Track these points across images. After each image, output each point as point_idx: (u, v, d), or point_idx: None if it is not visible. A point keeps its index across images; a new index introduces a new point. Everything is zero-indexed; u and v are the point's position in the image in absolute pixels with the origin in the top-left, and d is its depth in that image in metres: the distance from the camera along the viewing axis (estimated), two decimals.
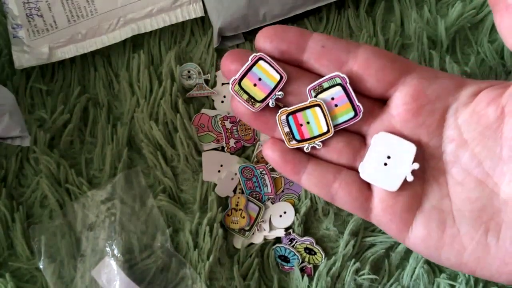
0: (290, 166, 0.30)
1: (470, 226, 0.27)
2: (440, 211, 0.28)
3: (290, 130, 0.31)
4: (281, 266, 0.39)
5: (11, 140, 0.36)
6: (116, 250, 0.37)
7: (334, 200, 0.30)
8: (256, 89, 0.30)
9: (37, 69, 0.41)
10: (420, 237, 0.28)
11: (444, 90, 0.28)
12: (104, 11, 0.40)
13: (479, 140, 0.27)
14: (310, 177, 0.30)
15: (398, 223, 0.28)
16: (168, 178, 0.39)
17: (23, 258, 0.38)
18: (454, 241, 0.27)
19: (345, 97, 0.30)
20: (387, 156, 0.29)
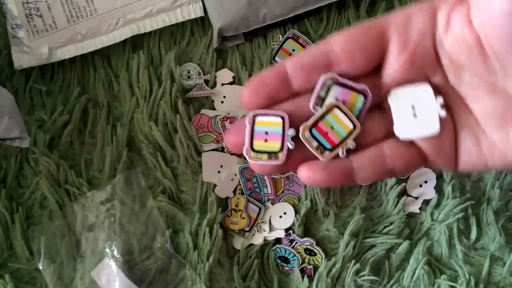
0: (340, 176, 0.29)
1: (498, 130, 0.28)
2: (471, 130, 0.29)
3: (319, 143, 0.30)
4: (281, 267, 0.39)
5: (11, 141, 0.36)
6: (115, 251, 0.37)
7: (395, 173, 0.30)
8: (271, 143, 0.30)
9: (36, 69, 0.41)
10: (466, 161, 0.29)
11: (423, 26, 0.29)
12: (103, 11, 0.40)
13: (470, 60, 0.28)
14: (363, 171, 0.29)
15: (450, 158, 0.30)
16: (168, 179, 0.39)
17: (22, 259, 0.38)
18: (492, 149, 0.29)
19: (346, 90, 0.29)
20: (412, 106, 0.29)
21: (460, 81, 0.29)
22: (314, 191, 0.38)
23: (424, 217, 0.39)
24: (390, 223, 0.39)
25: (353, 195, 0.40)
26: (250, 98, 0.30)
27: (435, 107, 0.29)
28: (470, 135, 0.29)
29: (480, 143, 0.29)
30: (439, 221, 0.39)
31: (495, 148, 0.29)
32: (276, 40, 0.41)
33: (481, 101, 0.29)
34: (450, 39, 0.28)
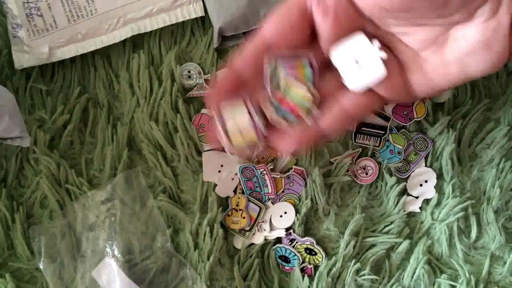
0: (313, 139, 0.32)
1: (435, 53, 0.31)
2: (413, 60, 0.31)
3: (286, 119, 0.32)
4: (282, 266, 0.39)
5: (11, 141, 0.36)
6: (116, 250, 0.37)
7: (355, 119, 0.34)
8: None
9: (37, 69, 0.41)
10: (418, 89, 0.32)
11: None
12: (104, 11, 0.40)
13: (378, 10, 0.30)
14: (331, 128, 0.32)
15: (405, 92, 0.32)
16: (168, 178, 0.39)
17: (23, 259, 0.38)
18: (435, 70, 0.31)
19: (293, 66, 0.31)
20: (354, 58, 0.30)
21: (388, 24, 0.31)
22: (314, 190, 0.38)
23: (425, 217, 0.39)
24: (391, 223, 0.39)
25: (353, 194, 0.40)
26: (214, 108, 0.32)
27: (375, 52, 0.30)
28: (414, 65, 0.31)
29: (425, 69, 0.31)
30: (439, 221, 0.39)
31: (437, 68, 0.31)
32: None
33: (412, 35, 0.31)
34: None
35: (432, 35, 0.30)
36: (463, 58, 0.30)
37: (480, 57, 0.29)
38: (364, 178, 0.40)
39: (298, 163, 0.40)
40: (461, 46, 0.29)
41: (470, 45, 0.29)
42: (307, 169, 0.39)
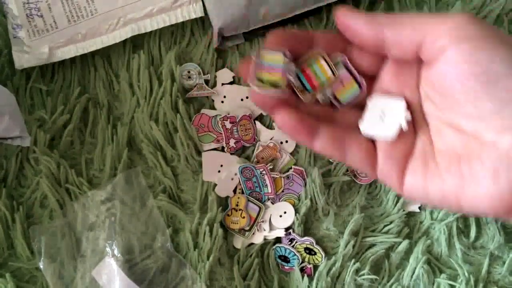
0: (305, 129, 0.32)
1: (446, 162, 0.30)
2: (424, 155, 0.31)
3: (302, 84, 0.33)
4: (281, 266, 0.39)
5: (11, 140, 0.36)
6: (116, 250, 0.37)
7: (346, 158, 0.33)
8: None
9: (37, 69, 0.41)
10: (410, 181, 0.31)
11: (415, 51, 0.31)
12: (104, 11, 0.40)
13: (433, 94, 0.31)
14: (324, 140, 0.33)
15: (397, 173, 0.31)
16: (168, 178, 0.39)
17: (23, 258, 0.38)
18: (434, 177, 0.30)
19: (349, 74, 0.33)
20: (382, 112, 0.32)
21: (430, 112, 0.31)
22: (314, 190, 0.39)
23: (424, 216, 0.40)
24: (390, 222, 0.39)
25: (353, 194, 0.40)
26: (275, 39, 0.33)
27: (401, 119, 0.32)
28: (422, 160, 0.31)
29: (428, 168, 0.31)
30: (438, 220, 0.39)
31: (439, 181, 0.30)
32: None
33: (443, 135, 0.31)
34: (435, 70, 0.30)
35: (460, 148, 0.30)
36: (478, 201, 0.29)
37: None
38: (363, 178, 0.40)
39: (297, 163, 0.40)
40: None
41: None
42: (306, 169, 0.40)
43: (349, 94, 0.33)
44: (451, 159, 0.30)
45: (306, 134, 0.33)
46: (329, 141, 0.33)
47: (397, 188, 0.32)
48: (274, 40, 0.33)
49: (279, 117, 0.33)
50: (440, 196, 0.30)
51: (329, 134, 0.33)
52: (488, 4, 0.40)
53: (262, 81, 0.32)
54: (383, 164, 0.32)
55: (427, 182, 0.30)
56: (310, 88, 0.33)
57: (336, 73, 0.33)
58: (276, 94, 0.32)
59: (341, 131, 0.33)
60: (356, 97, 0.33)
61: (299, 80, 0.33)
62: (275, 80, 0.32)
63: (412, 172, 0.31)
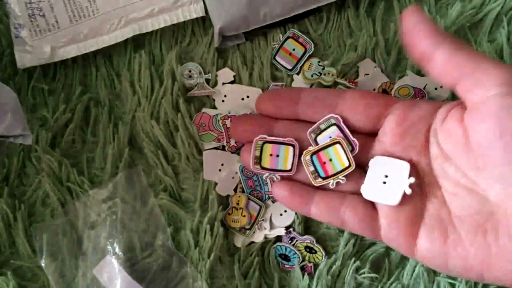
0: (298, 199, 0.33)
1: (469, 230, 0.29)
2: (441, 221, 0.30)
3: (315, 169, 0.34)
4: (282, 264, 0.39)
5: (13, 139, 0.36)
6: (117, 248, 0.37)
7: (344, 224, 0.33)
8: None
9: (39, 68, 0.41)
10: (426, 248, 0.30)
11: (424, 113, 0.32)
12: (105, 11, 0.40)
13: (457, 154, 0.30)
14: (319, 206, 0.33)
15: (405, 237, 0.31)
16: (169, 177, 0.39)
17: (24, 257, 0.38)
18: (457, 247, 0.29)
19: (341, 134, 0.33)
20: (385, 175, 0.32)
21: (443, 174, 0.31)
22: None
23: None
24: None
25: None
26: (262, 103, 0.36)
27: (404, 184, 0.31)
28: (438, 225, 0.30)
29: (447, 236, 0.29)
30: None
31: (462, 251, 0.29)
32: (277, 39, 0.41)
33: (459, 198, 0.30)
34: (444, 130, 0.30)
35: (477, 211, 0.29)
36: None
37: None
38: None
39: None
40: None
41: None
42: None
43: (342, 153, 0.34)
44: (474, 228, 0.28)
45: (300, 203, 0.34)
46: (324, 208, 0.33)
47: (406, 252, 0.31)
48: (263, 101, 0.36)
49: (274, 188, 0.35)
50: (463, 266, 0.29)
51: (324, 201, 0.33)
52: (487, 4, 0.41)
53: (262, 167, 0.35)
54: (388, 228, 0.31)
55: (448, 250, 0.29)
56: (323, 175, 0.34)
57: (352, 162, 0.33)
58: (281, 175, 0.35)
59: (337, 197, 0.33)
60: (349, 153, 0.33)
61: (312, 163, 0.34)
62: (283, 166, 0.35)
63: (427, 237, 0.30)
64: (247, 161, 0.36)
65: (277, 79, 0.41)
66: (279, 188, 0.34)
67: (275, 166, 0.35)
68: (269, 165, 0.35)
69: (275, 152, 0.35)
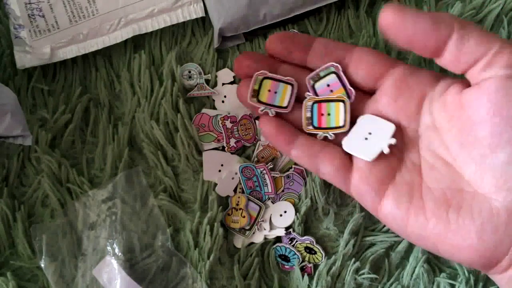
0: (283, 137, 0.34)
1: (434, 202, 0.29)
2: (410, 187, 0.31)
3: (311, 117, 0.34)
4: (282, 265, 0.39)
5: (13, 139, 0.36)
6: (117, 249, 0.37)
7: (319, 171, 0.33)
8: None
9: (38, 69, 0.41)
10: (390, 209, 0.31)
11: (423, 81, 0.32)
12: (105, 12, 0.40)
13: (447, 126, 0.30)
14: (300, 149, 0.34)
15: (372, 195, 0.31)
16: (168, 177, 0.39)
17: (24, 257, 0.38)
18: (418, 215, 0.29)
19: (339, 83, 0.33)
20: (369, 132, 0.32)
21: (427, 144, 0.31)
22: (314, 189, 0.39)
23: None
24: None
25: None
26: (274, 43, 0.35)
27: (384, 143, 0.32)
28: (406, 191, 0.30)
29: (412, 202, 0.30)
30: None
31: (422, 220, 0.29)
32: None
33: (435, 170, 0.30)
34: (441, 101, 0.31)
35: (447, 188, 0.29)
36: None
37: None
38: None
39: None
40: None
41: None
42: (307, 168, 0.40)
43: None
44: (440, 202, 0.29)
45: (283, 142, 0.34)
46: (304, 152, 0.34)
47: (371, 209, 0.32)
48: (275, 41, 0.35)
49: (262, 123, 0.35)
50: (419, 234, 0.30)
51: (305, 144, 0.34)
52: (487, 4, 0.41)
53: (260, 101, 0.35)
54: (358, 182, 0.32)
55: (409, 216, 0.30)
56: (316, 124, 0.34)
57: (347, 124, 0.33)
58: (269, 112, 0.35)
59: (318, 144, 0.34)
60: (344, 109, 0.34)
61: (311, 110, 0.34)
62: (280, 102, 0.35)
63: (393, 200, 0.31)
64: (243, 95, 0.35)
65: None
66: (268, 123, 0.34)
67: (272, 102, 0.35)
68: (266, 100, 0.35)
69: (273, 88, 0.35)
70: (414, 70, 0.32)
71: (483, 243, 0.27)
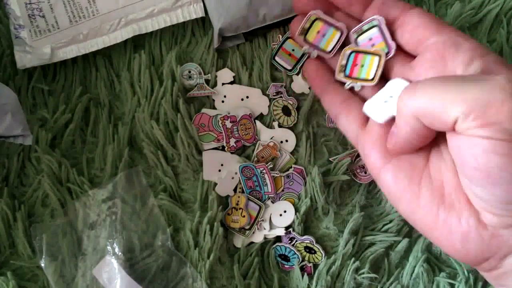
0: (319, 81, 0.35)
1: (430, 193, 0.29)
2: (413, 167, 0.30)
3: (345, 64, 0.34)
4: (281, 265, 0.39)
5: (13, 139, 0.36)
6: (117, 248, 0.38)
7: (336, 119, 0.34)
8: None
9: (39, 69, 0.41)
10: (386, 181, 0.30)
11: (458, 58, 0.29)
12: (105, 12, 0.40)
13: None
14: (328, 95, 0.35)
15: (376, 159, 0.31)
16: (168, 177, 0.39)
17: (24, 257, 0.38)
18: (412, 199, 0.29)
19: (381, 36, 0.33)
20: (390, 96, 0.31)
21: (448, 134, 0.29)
22: (314, 189, 0.39)
23: None
24: (390, 221, 0.39)
25: (353, 193, 0.40)
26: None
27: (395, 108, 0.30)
28: (408, 169, 0.30)
29: (409, 184, 0.30)
30: None
31: (415, 206, 0.29)
32: (276, 40, 0.41)
33: (442, 165, 0.29)
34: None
35: (449, 177, 0.29)
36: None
37: None
38: (363, 177, 0.40)
39: (297, 162, 0.40)
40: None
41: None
42: (306, 168, 0.40)
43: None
44: (435, 194, 0.29)
45: (318, 84, 0.35)
46: (330, 99, 0.34)
47: (372, 173, 0.32)
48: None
49: (306, 63, 0.36)
50: (408, 216, 0.30)
51: (333, 93, 0.34)
52: (486, 4, 0.41)
53: (306, 40, 0.35)
54: (366, 142, 0.32)
55: (403, 196, 0.30)
56: (348, 74, 0.34)
57: (376, 78, 0.33)
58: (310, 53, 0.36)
59: (344, 94, 0.34)
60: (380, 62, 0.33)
61: (347, 58, 0.34)
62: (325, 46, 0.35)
63: (392, 174, 0.30)
64: (294, 30, 0.36)
65: (277, 79, 0.41)
66: (312, 64, 0.36)
67: (318, 44, 0.35)
68: (312, 40, 0.35)
69: (323, 31, 0.35)
70: (457, 41, 0.29)
71: (466, 249, 0.27)
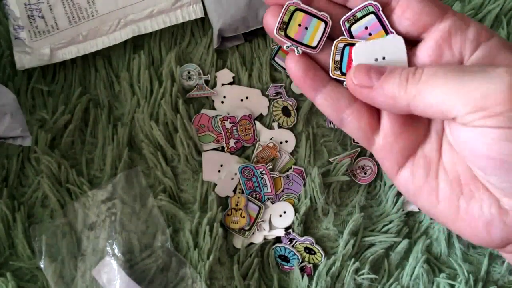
0: (309, 81, 0.31)
1: (448, 185, 0.28)
2: (428, 162, 0.29)
3: (340, 60, 0.30)
4: (281, 265, 0.39)
5: (13, 140, 0.36)
6: (116, 249, 0.37)
7: (343, 125, 0.31)
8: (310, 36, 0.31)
9: (38, 70, 0.41)
10: (404, 180, 0.30)
11: (463, 45, 0.28)
12: (104, 13, 0.40)
13: None
14: (326, 98, 0.31)
15: (392, 162, 0.30)
16: (168, 178, 0.39)
17: (24, 258, 0.38)
18: (431, 194, 0.29)
19: (379, 24, 0.30)
20: (383, 56, 0.30)
21: (452, 122, 0.28)
22: (313, 190, 0.39)
23: (423, 216, 0.40)
24: (389, 222, 0.39)
25: (352, 194, 0.40)
26: None
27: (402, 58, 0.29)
28: (423, 165, 0.29)
29: (427, 180, 0.29)
30: None
31: (433, 200, 0.29)
32: None
33: (454, 151, 0.29)
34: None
35: (465, 166, 0.28)
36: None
37: None
38: (363, 177, 0.40)
39: (297, 162, 0.40)
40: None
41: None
42: (306, 168, 0.40)
43: None
44: (453, 186, 0.28)
45: (309, 86, 0.31)
46: (330, 103, 0.31)
47: (388, 175, 0.31)
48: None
49: (288, 60, 0.31)
50: (428, 211, 0.29)
51: (333, 96, 0.31)
52: (486, 5, 0.41)
53: (288, 36, 0.30)
54: (381, 147, 0.30)
55: (421, 192, 0.29)
56: (345, 70, 0.31)
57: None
58: (305, 50, 0.31)
59: (346, 97, 0.31)
60: None
61: (341, 53, 0.30)
62: (309, 41, 0.31)
63: (410, 172, 0.30)
64: (270, 26, 0.31)
65: (276, 80, 0.41)
66: (296, 63, 0.31)
67: (301, 39, 0.31)
68: (294, 35, 0.31)
69: (305, 23, 0.30)
70: (461, 26, 0.28)
71: (490, 236, 0.27)
